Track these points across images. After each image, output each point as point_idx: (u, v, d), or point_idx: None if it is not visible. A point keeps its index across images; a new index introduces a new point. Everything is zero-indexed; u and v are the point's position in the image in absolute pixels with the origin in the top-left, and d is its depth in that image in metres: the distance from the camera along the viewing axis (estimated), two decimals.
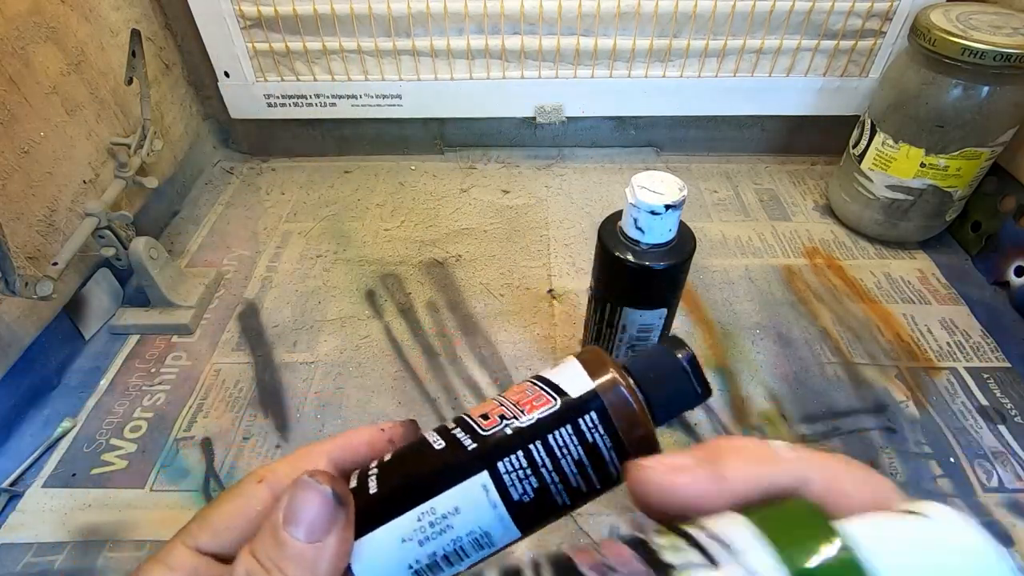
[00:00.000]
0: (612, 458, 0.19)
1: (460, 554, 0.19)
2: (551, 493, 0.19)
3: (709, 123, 0.77)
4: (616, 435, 0.18)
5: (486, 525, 0.19)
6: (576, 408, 0.19)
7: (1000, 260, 0.61)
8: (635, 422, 0.19)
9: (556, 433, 0.19)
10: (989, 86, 0.52)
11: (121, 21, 0.62)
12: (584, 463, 0.18)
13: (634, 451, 0.19)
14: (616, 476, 0.19)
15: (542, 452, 0.19)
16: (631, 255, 0.37)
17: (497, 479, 0.19)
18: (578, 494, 0.19)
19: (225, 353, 0.55)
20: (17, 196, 0.49)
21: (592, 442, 0.18)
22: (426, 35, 0.68)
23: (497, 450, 0.19)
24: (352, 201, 0.73)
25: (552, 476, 0.18)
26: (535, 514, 0.19)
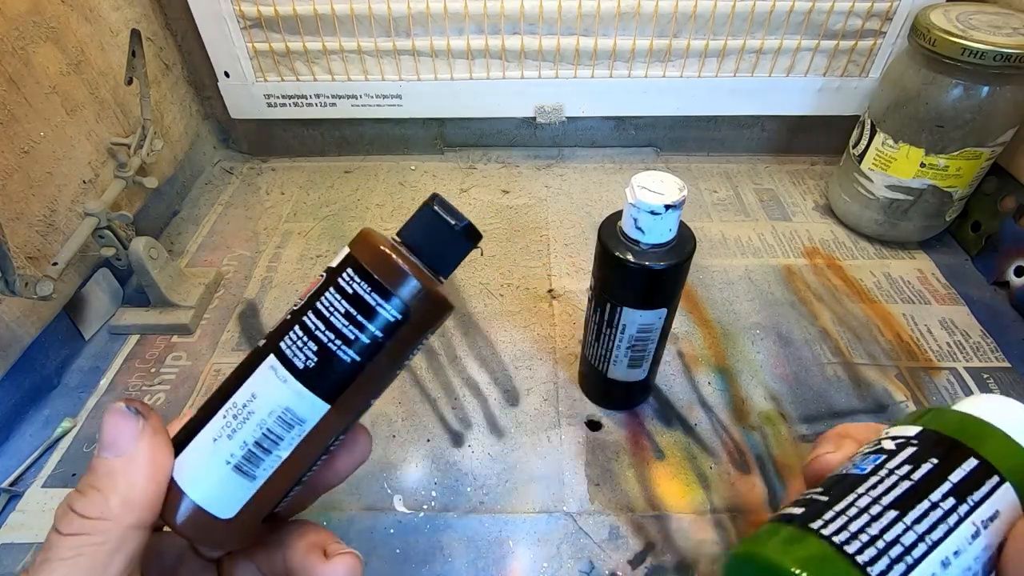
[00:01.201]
0: (379, 301, 0.20)
1: (270, 436, 0.20)
2: (333, 352, 0.20)
3: (709, 123, 0.77)
4: (372, 278, 0.20)
5: (283, 401, 0.20)
6: (335, 271, 0.21)
7: (1000, 260, 0.61)
8: (389, 264, 0.20)
9: (322, 298, 0.20)
10: (989, 86, 0.52)
11: (121, 21, 0.62)
12: (352, 314, 0.20)
13: (400, 291, 0.20)
14: (396, 320, 0.20)
15: (313, 318, 0.20)
16: (631, 255, 0.37)
17: (281, 356, 0.20)
18: (363, 348, 0.20)
19: (225, 353, 0.55)
20: (17, 196, 0.49)
21: (353, 292, 0.20)
22: (426, 35, 0.68)
23: (279, 334, 0.21)
24: (352, 201, 0.73)
25: (327, 335, 0.20)
26: (330, 378, 0.20)
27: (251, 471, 0.20)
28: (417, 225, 0.22)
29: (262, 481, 0.20)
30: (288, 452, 0.20)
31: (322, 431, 0.21)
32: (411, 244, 0.22)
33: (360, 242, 0.21)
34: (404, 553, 0.41)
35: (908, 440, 0.18)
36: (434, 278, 0.22)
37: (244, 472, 0.20)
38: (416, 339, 0.21)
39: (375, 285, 0.20)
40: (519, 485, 0.45)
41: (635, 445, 0.48)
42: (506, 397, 0.51)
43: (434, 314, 0.22)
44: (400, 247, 0.21)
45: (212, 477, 0.20)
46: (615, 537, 0.42)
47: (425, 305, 0.21)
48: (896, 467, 0.17)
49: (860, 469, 0.18)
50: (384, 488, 0.45)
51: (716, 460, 0.47)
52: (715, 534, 0.42)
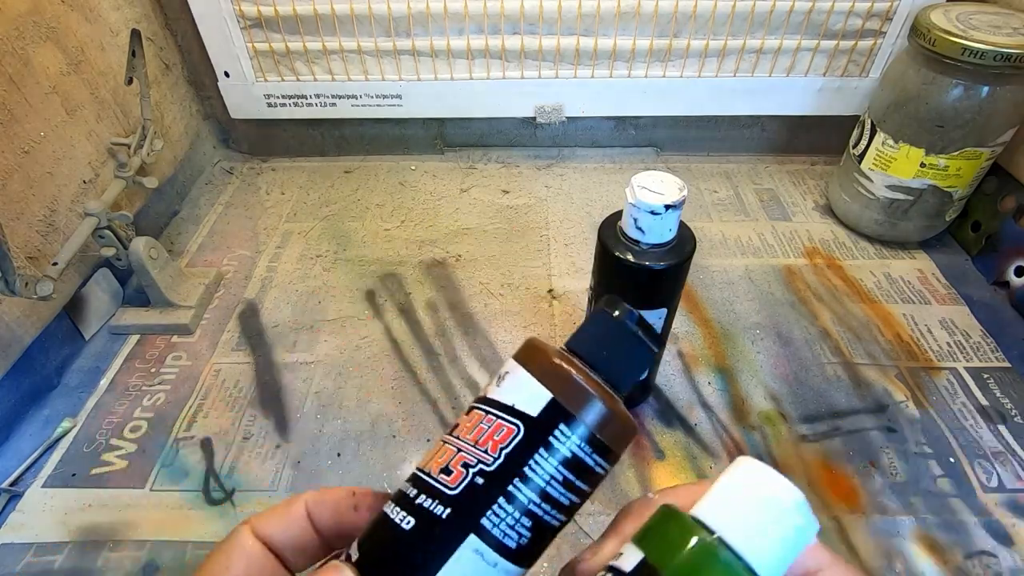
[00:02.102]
0: (596, 460, 0.17)
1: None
2: (546, 523, 0.17)
3: (709, 123, 0.77)
4: (593, 437, 0.17)
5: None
6: (543, 427, 0.17)
7: (1000, 260, 0.61)
8: (606, 415, 0.17)
9: (532, 462, 0.17)
10: (989, 86, 0.52)
11: (121, 21, 0.62)
12: (570, 479, 0.17)
13: (611, 439, 0.17)
14: (604, 472, 0.18)
15: (524, 489, 0.17)
16: (631, 255, 0.37)
17: (487, 537, 0.16)
18: (572, 509, 0.18)
19: (225, 353, 0.55)
20: (17, 196, 0.49)
21: (571, 455, 0.17)
22: (426, 35, 0.68)
23: (476, 506, 0.16)
24: (352, 201, 0.73)
25: (543, 507, 0.17)
26: (536, 548, 0.17)
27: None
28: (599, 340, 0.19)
29: None
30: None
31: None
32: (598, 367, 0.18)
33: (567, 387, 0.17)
34: None
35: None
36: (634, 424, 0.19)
37: None
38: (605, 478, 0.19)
39: (596, 443, 0.17)
40: None
41: (635, 445, 0.48)
42: None
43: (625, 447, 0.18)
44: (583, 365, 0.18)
45: None
46: None
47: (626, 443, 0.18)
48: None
49: None
50: (384, 488, 0.45)
51: (716, 460, 0.47)
52: None
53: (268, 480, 0.46)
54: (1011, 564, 0.41)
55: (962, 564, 0.41)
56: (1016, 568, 0.41)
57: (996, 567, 0.41)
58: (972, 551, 0.42)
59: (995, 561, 0.41)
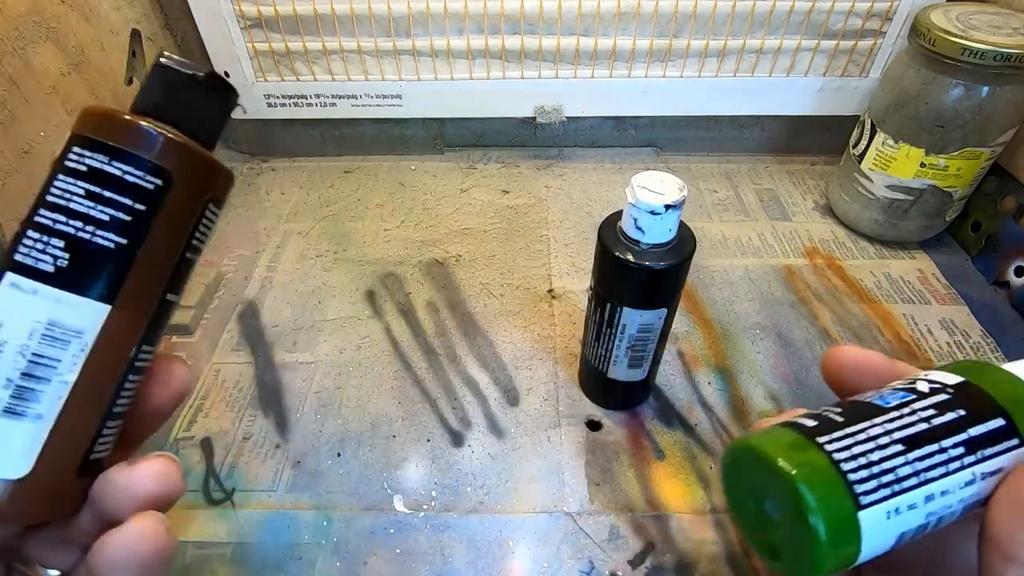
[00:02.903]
0: (124, 169, 0.17)
1: (41, 361, 0.16)
2: (87, 240, 0.17)
3: (709, 123, 0.77)
4: (107, 146, 0.17)
5: (43, 315, 0.16)
6: (60, 154, 0.18)
7: (1000, 260, 0.61)
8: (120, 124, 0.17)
9: (52, 188, 0.17)
10: (989, 86, 0.52)
11: (121, 21, 0.62)
12: (95, 191, 0.17)
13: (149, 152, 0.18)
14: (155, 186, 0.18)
15: (48, 213, 0.17)
16: (631, 255, 0.37)
17: (20, 267, 0.17)
18: (124, 226, 0.17)
19: (225, 353, 0.55)
20: (17, 196, 0.49)
21: (88, 168, 0.17)
22: (426, 35, 0.68)
23: (11, 248, 0.17)
24: (352, 201, 0.73)
25: (72, 224, 0.17)
26: (95, 272, 0.17)
27: (31, 409, 0.16)
28: (150, 89, 0.19)
29: (53, 417, 0.17)
30: (75, 374, 0.17)
31: (113, 339, 0.18)
32: (149, 110, 0.19)
33: (84, 117, 0.18)
34: (404, 553, 0.41)
35: (944, 387, 0.18)
36: (192, 141, 0.19)
37: (21, 413, 0.16)
38: (191, 208, 0.19)
39: (113, 151, 0.17)
40: (519, 485, 0.45)
41: (635, 445, 0.48)
42: (506, 397, 0.51)
43: (203, 176, 0.19)
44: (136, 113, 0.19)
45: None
46: (615, 537, 0.42)
47: (185, 164, 0.18)
48: (921, 408, 0.18)
49: (884, 402, 0.18)
50: (384, 488, 0.45)
51: (716, 460, 0.47)
52: (715, 534, 0.42)
53: (268, 480, 0.46)
54: None
55: None
56: None
57: None
58: None
59: None
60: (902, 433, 0.17)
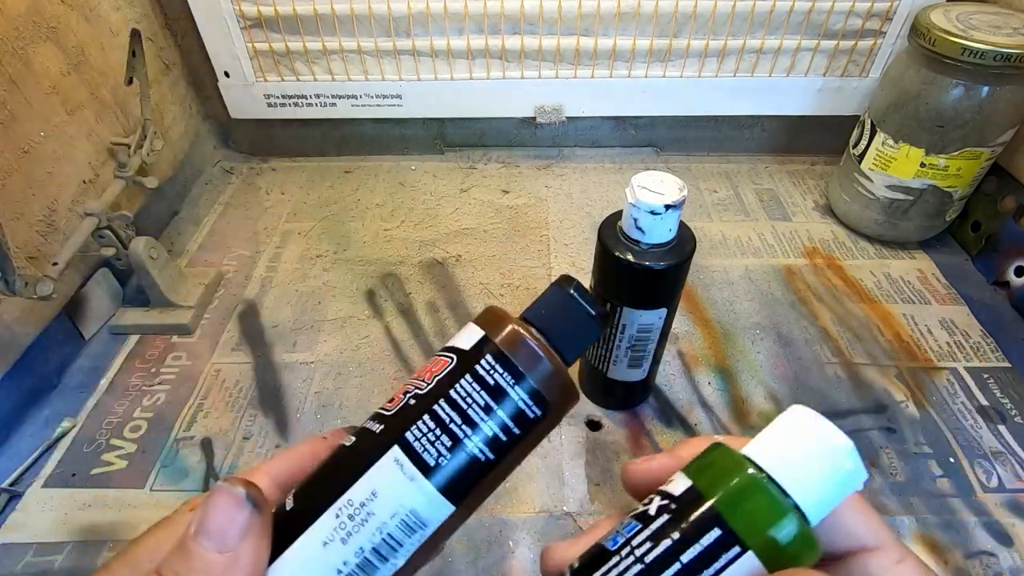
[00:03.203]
0: (520, 395, 0.18)
1: (390, 543, 0.17)
2: (467, 448, 0.18)
3: (709, 123, 0.77)
4: (516, 369, 0.18)
5: (409, 503, 0.17)
6: (471, 356, 0.19)
7: (1000, 260, 0.61)
8: (531, 353, 0.19)
9: (457, 386, 0.18)
10: (989, 86, 0.52)
11: (121, 21, 0.62)
12: (491, 406, 0.18)
13: (542, 385, 0.18)
14: (534, 416, 0.18)
15: (447, 408, 0.18)
16: (631, 255, 0.37)
17: (408, 449, 0.18)
18: (497, 444, 0.18)
19: (225, 353, 0.55)
20: (17, 196, 0.49)
21: (493, 383, 0.18)
22: (426, 35, 0.68)
23: (403, 422, 0.18)
24: (352, 201, 0.73)
25: (463, 429, 0.18)
26: (459, 478, 0.18)
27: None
28: (544, 304, 0.20)
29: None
30: (405, 560, 0.18)
31: (442, 532, 0.19)
32: (541, 327, 0.20)
33: (494, 322, 0.19)
34: None
35: (669, 503, 0.17)
36: (568, 375, 0.20)
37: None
38: (546, 433, 0.20)
39: (520, 378, 0.18)
40: (519, 485, 0.45)
41: (635, 445, 0.48)
42: None
43: (567, 405, 0.20)
44: (532, 328, 0.20)
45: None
46: None
47: (560, 395, 0.19)
48: (639, 543, 0.17)
49: (613, 542, 0.17)
50: None
51: None
52: None
53: None
54: (1011, 564, 0.41)
55: (962, 564, 0.41)
56: (1016, 568, 0.41)
57: (996, 567, 0.41)
58: (972, 551, 0.42)
59: (995, 561, 0.41)
60: None
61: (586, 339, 0.21)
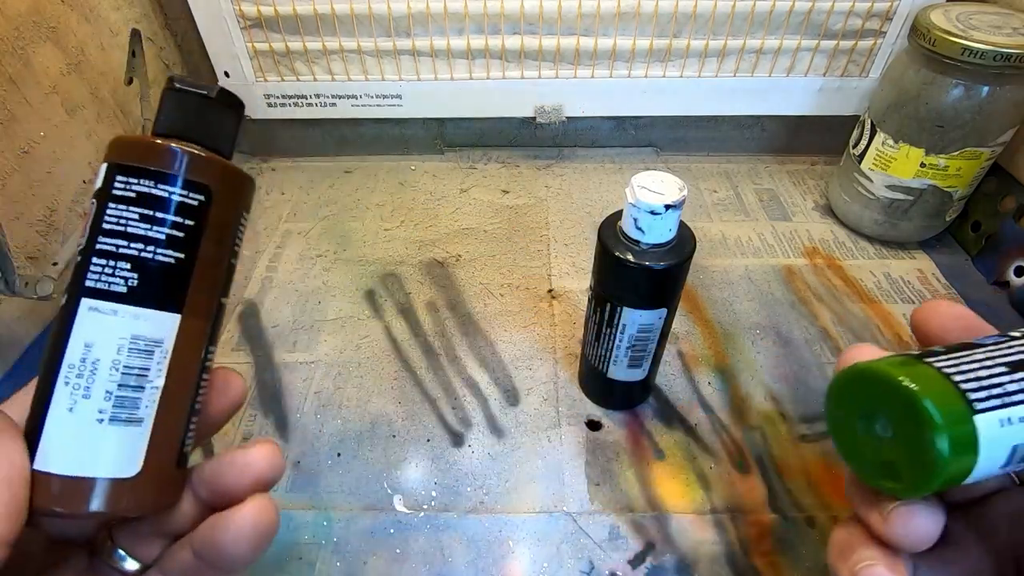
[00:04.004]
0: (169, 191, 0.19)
1: (133, 371, 0.18)
2: (150, 259, 0.19)
3: (709, 123, 0.77)
4: (149, 171, 0.19)
5: (127, 331, 0.18)
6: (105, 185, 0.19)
7: (1000, 260, 0.61)
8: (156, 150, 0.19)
9: (106, 217, 0.19)
10: (989, 86, 0.52)
11: (121, 21, 0.62)
12: (148, 214, 0.19)
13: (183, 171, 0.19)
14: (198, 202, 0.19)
15: (108, 240, 0.19)
16: (631, 255, 0.37)
17: (95, 293, 0.18)
18: (175, 242, 0.19)
19: (225, 353, 0.55)
20: (17, 196, 0.49)
21: (136, 194, 0.19)
22: (426, 35, 0.68)
23: (78, 276, 0.19)
24: (352, 201, 0.73)
25: (132, 247, 0.18)
26: (162, 287, 0.19)
27: (131, 414, 0.19)
28: (169, 112, 0.21)
29: (151, 420, 0.19)
30: (162, 378, 0.19)
31: (187, 344, 0.20)
32: (172, 132, 0.20)
33: (117, 147, 0.20)
34: (404, 553, 0.41)
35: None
36: (215, 154, 0.20)
37: (124, 419, 0.18)
38: (231, 218, 0.20)
39: (155, 175, 0.19)
40: (519, 485, 0.45)
41: (635, 445, 0.48)
42: (506, 397, 0.51)
43: (235, 187, 0.21)
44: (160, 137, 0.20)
45: (91, 443, 0.18)
46: (615, 537, 0.42)
47: (220, 178, 0.20)
48: (1018, 344, 0.18)
49: (981, 342, 0.19)
50: (384, 488, 0.45)
51: (716, 460, 0.47)
52: (715, 534, 0.42)
53: None
54: None
55: None
56: None
57: None
58: None
59: None
60: (1005, 359, 0.18)
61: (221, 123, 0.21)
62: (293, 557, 0.41)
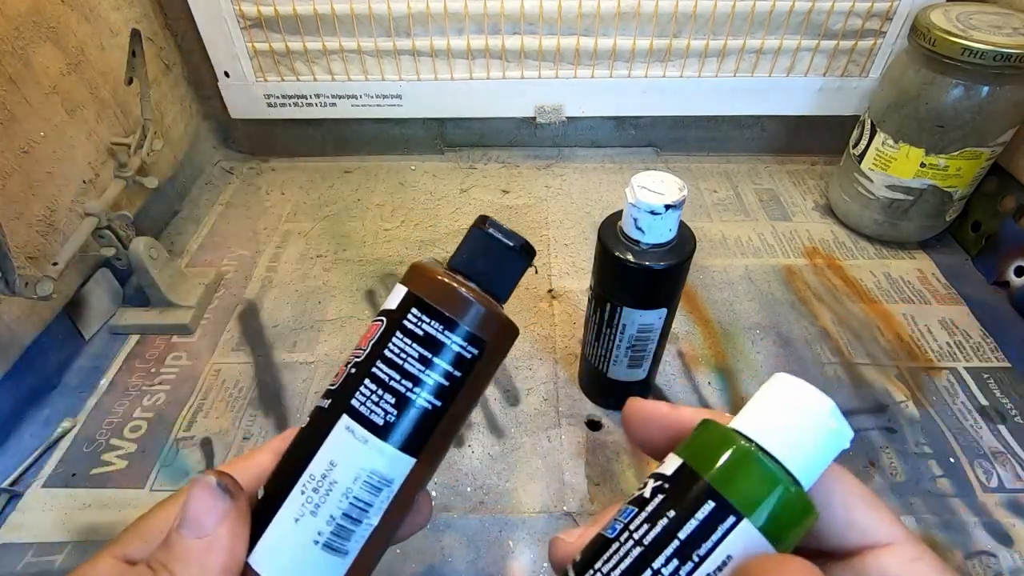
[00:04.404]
0: (451, 339, 0.19)
1: (359, 504, 0.18)
2: (412, 401, 0.19)
3: (709, 123, 0.77)
4: (442, 315, 0.19)
5: (368, 464, 0.18)
6: (398, 314, 0.19)
7: (1000, 260, 0.61)
8: (454, 296, 0.19)
9: (390, 344, 0.19)
10: (989, 86, 0.52)
11: (121, 21, 0.62)
12: (426, 356, 0.19)
13: (471, 323, 0.19)
14: (471, 356, 0.19)
15: (384, 368, 0.19)
16: (631, 255, 0.37)
17: (355, 415, 0.18)
18: (441, 390, 0.19)
19: (225, 353, 0.55)
20: (17, 196, 0.49)
21: (423, 334, 0.19)
22: (426, 35, 0.68)
23: (347, 391, 0.19)
24: (352, 201, 0.73)
25: (403, 384, 0.19)
26: (411, 431, 0.19)
27: (342, 546, 0.18)
28: (471, 250, 0.21)
29: (355, 554, 0.19)
30: (378, 518, 0.19)
31: (410, 487, 0.19)
32: (467, 271, 0.20)
33: (418, 277, 0.20)
34: (404, 553, 0.41)
35: (663, 484, 0.17)
36: (501, 308, 0.21)
37: (335, 549, 0.18)
38: (492, 371, 0.20)
39: (446, 321, 0.19)
40: (519, 485, 0.45)
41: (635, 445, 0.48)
42: (506, 397, 0.51)
43: (506, 341, 0.20)
44: (458, 276, 0.20)
45: (301, 561, 0.18)
46: None
47: (497, 333, 0.20)
48: (636, 527, 0.17)
49: (612, 530, 0.17)
50: None
51: None
52: None
53: None
54: (1011, 564, 0.41)
55: (962, 564, 0.41)
56: (1016, 568, 0.41)
57: (996, 567, 0.41)
58: (972, 551, 0.42)
59: (995, 561, 0.41)
60: (620, 568, 0.16)
61: (512, 272, 0.21)
62: None
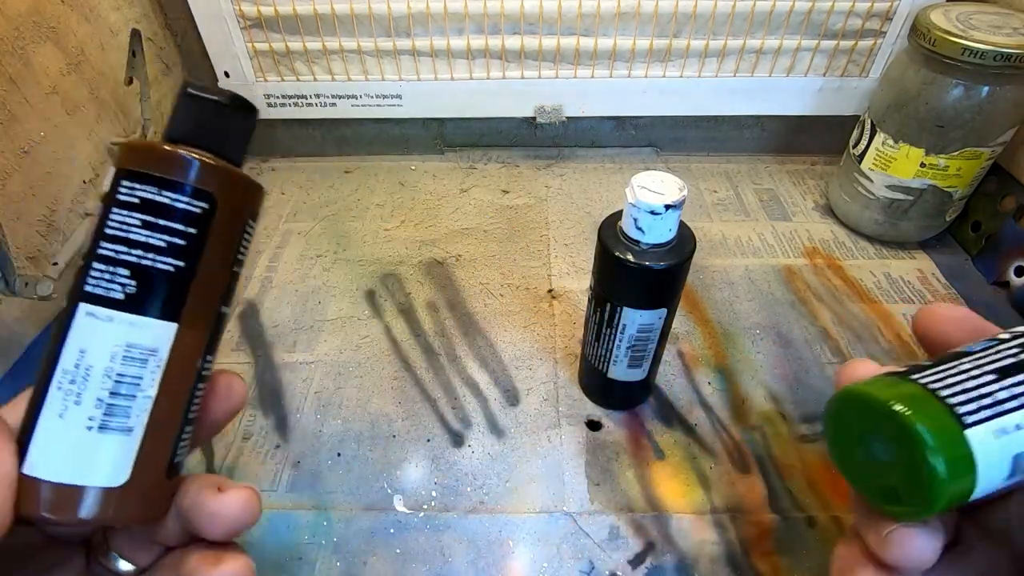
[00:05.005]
0: (173, 198, 0.19)
1: (126, 380, 0.18)
2: (149, 267, 0.18)
3: (709, 123, 0.77)
4: (155, 178, 0.18)
5: (122, 339, 0.18)
6: (111, 190, 0.19)
7: (1000, 260, 0.61)
8: (162, 155, 0.19)
9: (108, 222, 0.18)
10: (989, 86, 0.52)
11: (121, 21, 0.62)
12: (150, 220, 0.18)
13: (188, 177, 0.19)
14: (202, 211, 0.19)
15: (110, 245, 0.18)
16: (631, 255, 0.37)
17: (93, 298, 0.18)
18: (177, 251, 0.19)
19: (225, 353, 0.55)
20: (17, 196, 0.49)
21: (140, 200, 0.18)
22: (426, 35, 0.68)
23: (79, 281, 0.19)
24: (352, 201, 0.73)
25: (133, 254, 0.18)
26: (161, 295, 0.19)
27: (123, 423, 0.18)
28: (181, 118, 0.20)
29: (141, 429, 0.19)
30: (155, 388, 0.19)
31: (183, 354, 0.19)
32: (184, 138, 0.20)
33: (126, 152, 0.19)
34: (404, 553, 0.41)
35: None
36: (225, 162, 0.20)
37: (115, 428, 0.18)
38: (236, 227, 0.20)
39: (160, 182, 0.18)
40: (519, 485, 0.45)
41: (635, 445, 0.48)
42: (506, 397, 0.51)
43: (242, 195, 0.20)
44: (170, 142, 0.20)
45: (80, 450, 0.18)
46: (615, 537, 0.42)
47: (226, 185, 0.20)
48: (1006, 348, 0.18)
49: (969, 349, 0.19)
50: (384, 488, 0.45)
51: (716, 460, 0.47)
52: (715, 534, 0.42)
53: (268, 480, 0.46)
54: None
55: None
56: None
57: None
58: None
59: None
60: (993, 365, 0.18)
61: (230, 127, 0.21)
62: (293, 557, 0.41)
